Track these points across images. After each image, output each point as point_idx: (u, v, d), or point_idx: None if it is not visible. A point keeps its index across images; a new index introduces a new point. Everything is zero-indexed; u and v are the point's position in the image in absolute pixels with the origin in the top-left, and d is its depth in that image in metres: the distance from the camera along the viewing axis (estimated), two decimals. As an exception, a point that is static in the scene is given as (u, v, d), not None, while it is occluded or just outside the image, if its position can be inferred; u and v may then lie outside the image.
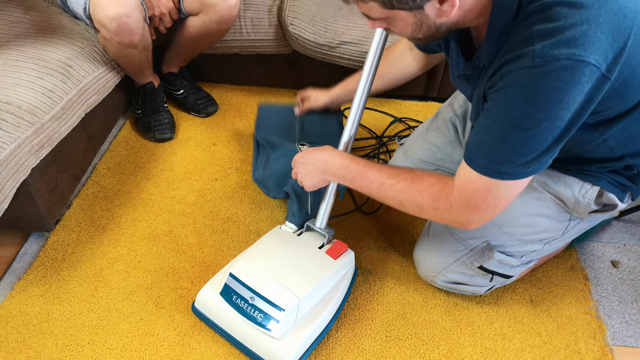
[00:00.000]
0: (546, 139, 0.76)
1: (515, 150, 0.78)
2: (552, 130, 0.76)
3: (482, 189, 0.83)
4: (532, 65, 0.72)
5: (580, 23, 0.70)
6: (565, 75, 0.70)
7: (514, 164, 0.79)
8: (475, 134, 0.83)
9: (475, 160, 0.82)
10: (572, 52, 0.69)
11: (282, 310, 0.96)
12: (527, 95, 0.74)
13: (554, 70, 0.71)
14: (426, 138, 1.29)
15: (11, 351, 1.03)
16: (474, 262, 1.08)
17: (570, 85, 0.71)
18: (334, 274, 1.06)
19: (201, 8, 1.47)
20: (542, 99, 0.73)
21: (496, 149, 0.80)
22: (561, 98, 0.72)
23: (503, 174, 0.80)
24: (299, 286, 0.99)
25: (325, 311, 1.03)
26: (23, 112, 1.11)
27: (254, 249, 1.10)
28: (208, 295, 1.05)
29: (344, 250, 1.10)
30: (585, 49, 0.69)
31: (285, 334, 0.97)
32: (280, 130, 1.42)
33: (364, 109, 1.10)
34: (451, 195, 0.87)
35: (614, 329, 1.14)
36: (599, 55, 0.70)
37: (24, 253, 1.23)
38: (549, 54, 0.70)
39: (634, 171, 0.97)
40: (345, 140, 1.10)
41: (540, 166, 0.80)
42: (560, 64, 0.70)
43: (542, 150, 0.78)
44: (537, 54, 0.71)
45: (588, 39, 0.69)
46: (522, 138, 0.77)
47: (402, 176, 0.92)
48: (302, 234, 1.15)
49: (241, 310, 0.99)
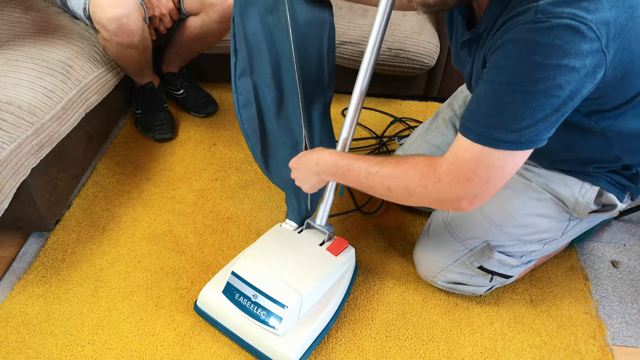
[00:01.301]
0: (542, 106, 0.73)
1: (510, 112, 0.75)
2: (549, 97, 0.73)
3: (473, 158, 0.79)
4: (533, 21, 0.70)
5: None
6: (567, 34, 0.68)
7: (508, 128, 0.75)
8: (471, 102, 0.80)
9: (470, 127, 0.79)
10: (575, 12, 0.68)
11: (285, 307, 0.96)
12: (526, 52, 0.71)
13: (555, 27, 0.68)
14: (426, 138, 1.29)
15: (11, 351, 1.03)
16: (473, 262, 1.08)
17: (570, 46, 0.69)
18: (336, 270, 1.07)
19: (201, 8, 1.47)
20: (541, 57, 0.70)
21: (491, 112, 0.76)
22: (560, 60, 0.70)
23: (497, 141, 0.76)
24: (302, 283, 1.00)
25: (327, 308, 1.04)
26: (23, 112, 1.11)
27: (256, 247, 1.10)
28: (210, 294, 1.05)
29: (345, 246, 1.11)
30: (589, 12, 0.68)
31: (289, 331, 0.98)
32: (267, 21, 1.13)
33: (355, 126, 1.07)
34: (439, 168, 0.83)
35: (614, 329, 1.14)
36: (601, 25, 0.68)
37: (24, 253, 1.23)
38: (551, 11, 0.69)
39: (633, 171, 0.97)
40: (344, 137, 1.08)
41: (536, 137, 0.76)
42: (563, 22, 0.68)
43: (539, 118, 0.74)
44: (540, 9, 0.69)
45: (593, 4, 0.68)
46: (517, 99, 0.74)
47: (387, 161, 0.90)
48: (303, 232, 1.15)
49: (244, 309, 1.00)
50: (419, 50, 1.62)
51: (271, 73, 1.14)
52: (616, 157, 0.94)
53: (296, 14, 1.13)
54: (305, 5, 1.14)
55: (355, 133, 1.64)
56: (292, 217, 1.18)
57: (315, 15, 1.14)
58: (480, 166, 0.79)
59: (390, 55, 1.62)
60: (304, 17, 1.13)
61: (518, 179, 1.04)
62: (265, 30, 1.13)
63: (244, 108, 1.18)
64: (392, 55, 1.63)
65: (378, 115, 1.73)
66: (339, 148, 1.08)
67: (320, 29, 1.16)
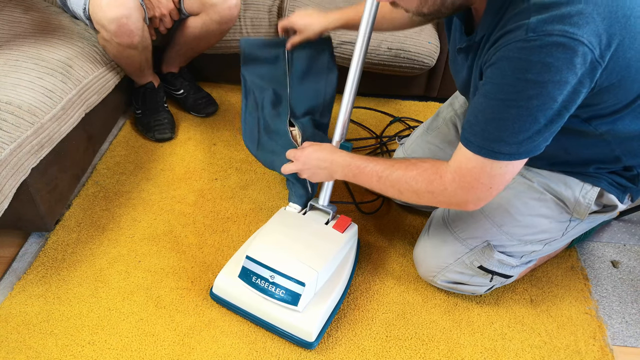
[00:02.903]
0: (538, 119, 0.75)
1: (507, 127, 0.77)
2: (544, 110, 0.75)
3: (476, 168, 0.83)
4: (524, 39, 0.71)
5: (577, 1, 0.69)
6: (558, 52, 0.70)
7: (507, 142, 0.78)
8: (470, 113, 0.83)
9: (470, 139, 0.82)
10: (566, 29, 0.69)
11: (302, 284, 1.01)
12: (518, 70, 0.73)
13: (546, 45, 0.70)
14: (426, 138, 1.29)
15: (11, 351, 1.03)
16: (473, 262, 1.08)
17: (562, 62, 0.70)
18: (344, 246, 1.12)
19: (202, 8, 1.47)
20: (534, 74, 0.72)
21: (489, 127, 0.79)
22: (553, 75, 0.71)
23: (497, 153, 0.80)
24: (315, 260, 1.04)
25: (340, 282, 1.09)
26: (23, 112, 1.11)
27: (265, 231, 1.14)
28: (226, 280, 1.09)
29: (349, 223, 1.16)
30: (580, 27, 0.69)
31: (307, 307, 1.03)
32: (267, 73, 1.34)
33: (348, 126, 1.14)
34: (445, 176, 0.88)
35: (614, 329, 1.14)
36: (593, 37, 0.70)
37: (24, 253, 1.23)
38: (542, 29, 0.70)
39: (634, 172, 0.97)
40: (337, 140, 1.14)
41: (534, 148, 0.79)
42: (553, 40, 0.69)
43: (536, 130, 0.77)
44: (531, 28, 0.71)
45: (584, 18, 0.69)
46: (513, 115, 0.76)
47: (397, 166, 0.94)
48: (307, 213, 1.19)
49: (262, 290, 1.04)
50: (419, 50, 1.62)
51: (271, 109, 1.30)
52: (616, 158, 0.94)
53: (294, 66, 1.33)
54: (304, 58, 1.32)
55: (355, 133, 1.65)
56: (295, 200, 1.22)
57: (314, 65, 1.33)
58: (482, 175, 0.83)
59: (391, 55, 1.62)
60: (301, 69, 1.32)
61: (519, 180, 1.04)
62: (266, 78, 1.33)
63: (247, 125, 1.34)
64: (392, 55, 1.63)
65: (378, 115, 1.73)
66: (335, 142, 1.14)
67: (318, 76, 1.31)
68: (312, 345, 1.03)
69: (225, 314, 1.11)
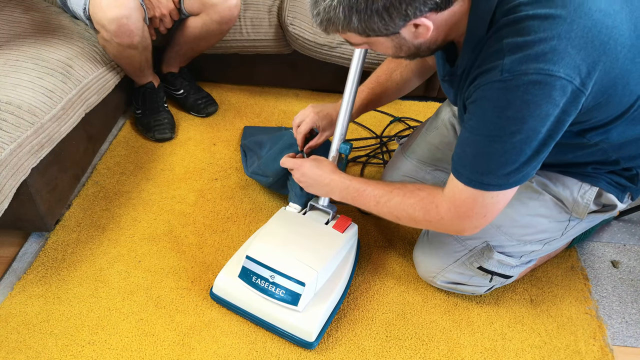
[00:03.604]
0: (524, 151, 0.78)
1: (494, 160, 0.80)
2: (529, 142, 0.77)
3: (469, 199, 0.85)
4: (500, 80, 0.73)
5: (550, 38, 0.70)
6: (535, 89, 0.71)
7: (495, 174, 0.81)
8: (458, 146, 0.85)
9: (460, 172, 0.85)
10: (541, 67, 0.70)
11: (302, 284, 1.01)
12: (498, 109, 0.75)
13: (522, 84, 0.72)
14: (425, 138, 1.29)
15: (11, 351, 1.03)
16: (473, 262, 1.08)
17: (541, 98, 0.72)
18: (343, 246, 1.12)
19: (202, 8, 1.47)
20: (514, 111, 0.74)
21: (477, 160, 0.82)
22: (533, 111, 0.73)
23: (486, 185, 0.82)
24: (315, 260, 1.05)
25: (340, 282, 1.09)
26: (23, 112, 1.11)
27: (265, 231, 1.14)
28: (226, 280, 1.09)
29: (349, 223, 1.16)
30: (555, 63, 0.70)
31: (307, 307, 1.03)
32: (267, 133, 1.45)
33: (348, 125, 1.15)
34: (441, 207, 0.90)
35: (614, 329, 1.14)
36: (570, 70, 0.71)
37: (24, 253, 1.23)
38: (517, 69, 0.72)
39: (633, 172, 0.97)
40: (337, 140, 1.15)
41: (523, 177, 0.81)
42: (529, 79, 0.71)
43: (523, 162, 0.79)
44: (506, 68, 0.72)
45: (558, 54, 0.70)
46: (499, 149, 0.78)
47: (395, 192, 0.96)
48: (307, 213, 1.20)
49: (262, 290, 1.04)
50: (419, 50, 1.62)
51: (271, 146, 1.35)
52: (615, 161, 0.94)
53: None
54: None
55: (355, 133, 1.65)
56: (295, 200, 1.22)
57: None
58: (476, 205, 0.86)
59: (390, 55, 1.62)
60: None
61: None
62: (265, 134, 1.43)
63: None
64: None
65: (378, 115, 1.73)
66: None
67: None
68: (312, 345, 1.03)
69: (225, 314, 1.11)
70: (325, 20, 0.75)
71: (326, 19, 0.74)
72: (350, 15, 0.72)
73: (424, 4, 0.71)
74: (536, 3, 0.72)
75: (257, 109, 1.73)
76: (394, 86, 1.21)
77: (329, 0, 0.72)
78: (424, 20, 0.74)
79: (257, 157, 1.39)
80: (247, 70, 1.78)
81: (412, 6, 0.71)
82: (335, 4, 0.71)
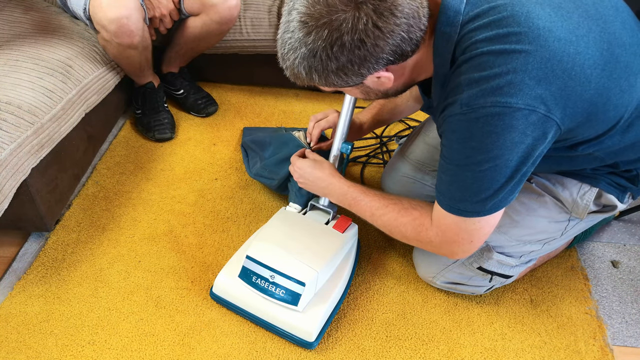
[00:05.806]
0: (495, 178, 0.79)
1: (467, 188, 0.81)
2: (499, 170, 0.78)
3: (452, 225, 0.87)
4: (460, 113, 0.76)
5: (505, 72, 0.71)
6: (494, 120, 0.73)
7: (470, 201, 0.82)
8: (437, 172, 0.87)
9: (440, 198, 0.87)
10: (498, 99, 0.72)
11: (303, 284, 1.01)
12: (462, 140, 0.78)
13: (481, 117, 0.74)
14: (424, 139, 1.29)
15: (11, 351, 1.03)
16: (473, 262, 1.08)
17: (502, 128, 0.73)
18: (344, 246, 1.12)
19: (202, 8, 1.47)
20: (476, 142, 0.76)
21: (452, 187, 0.84)
22: (495, 141, 0.74)
23: (463, 211, 0.84)
24: (315, 260, 1.05)
25: (340, 282, 1.09)
26: (23, 112, 1.11)
27: (265, 231, 1.14)
28: (226, 279, 1.09)
29: (349, 223, 1.16)
30: (512, 96, 0.71)
31: (307, 307, 1.03)
32: (266, 132, 1.45)
33: (349, 126, 1.15)
34: (430, 230, 0.91)
35: (614, 329, 1.14)
36: (530, 99, 0.72)
37: (24, 253, 1.23)
38: (474, 103, 0.74)
39: (633, 173, 0.97)
40: (338, 139, 1.15)
41: (501, 202, 0.82)
42: (487, 111, 0.73)
43: (496, 188, 0.80)
44: (464, 102, 0.75)
45: (515, 87, 0.71)
46: (469, 177, 0.80)
47: (390, 207, 0.98)
48: (307, 213, 1.20)
49: (262, 289, 1.04)
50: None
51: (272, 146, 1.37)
52: (613, 164, 0.94)
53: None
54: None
55: (355, 133, 1.65)
56: (296, 200, 1.22)
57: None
58: (460, 231, 0.87)
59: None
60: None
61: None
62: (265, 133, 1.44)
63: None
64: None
65: (378, 115, 1.73)
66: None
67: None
68: (312, 345, 1.03)
69: (225, 314, 1.11)
70: (291, 75, 0.80)
71: (292, 75, 0.80)
72: (311, 74, 0.77)
73: (377, 62, 0.74)
74: (492, 40, 0.73)
75: (257, 109, 1.73)
76: (404, 102, 1.23)
77: (292, 60, 0.76)
78: (383, 73, 0.77)
79: (260, 158, 1.39)
80: (247, 70, 1.78)
81: (365, 67, 0.74)
82: (296, 64, 0.76)
